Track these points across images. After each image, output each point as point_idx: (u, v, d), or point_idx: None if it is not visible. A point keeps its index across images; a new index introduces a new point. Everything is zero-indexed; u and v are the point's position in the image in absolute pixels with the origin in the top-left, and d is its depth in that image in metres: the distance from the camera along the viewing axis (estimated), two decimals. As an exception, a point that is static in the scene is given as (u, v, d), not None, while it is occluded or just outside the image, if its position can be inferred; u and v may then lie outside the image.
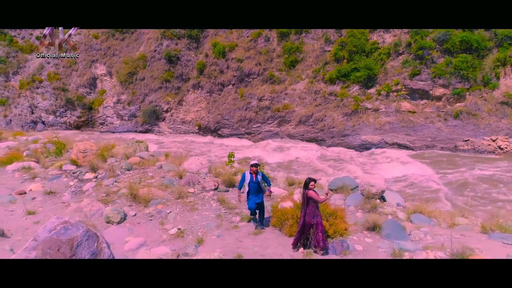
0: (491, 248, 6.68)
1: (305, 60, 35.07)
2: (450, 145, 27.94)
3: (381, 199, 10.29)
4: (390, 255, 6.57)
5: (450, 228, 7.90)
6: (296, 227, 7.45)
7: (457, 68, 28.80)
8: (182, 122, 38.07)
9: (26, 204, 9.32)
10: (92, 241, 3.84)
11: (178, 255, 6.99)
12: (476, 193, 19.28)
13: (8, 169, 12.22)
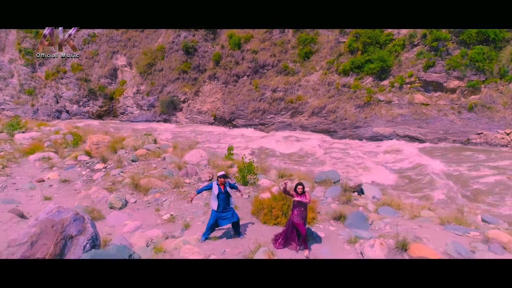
0: (439, 237, 7.51)
1: (320, 52, 35.51)
2: (462, 138, 28.02)
3: (360, 192, 11.18)
4: (346, 242, 7.53)
5: (412, 219, 8.75)
6: (271, 216, 8.51)
7: (473, 60, 28.60)
8: (198, 112, 39.44)
9: (44, 191, 10.80)
10: (79, 222, 5.03)
11: (167, 237, 8.23)
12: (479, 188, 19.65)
13: (30, 159, 13.83)
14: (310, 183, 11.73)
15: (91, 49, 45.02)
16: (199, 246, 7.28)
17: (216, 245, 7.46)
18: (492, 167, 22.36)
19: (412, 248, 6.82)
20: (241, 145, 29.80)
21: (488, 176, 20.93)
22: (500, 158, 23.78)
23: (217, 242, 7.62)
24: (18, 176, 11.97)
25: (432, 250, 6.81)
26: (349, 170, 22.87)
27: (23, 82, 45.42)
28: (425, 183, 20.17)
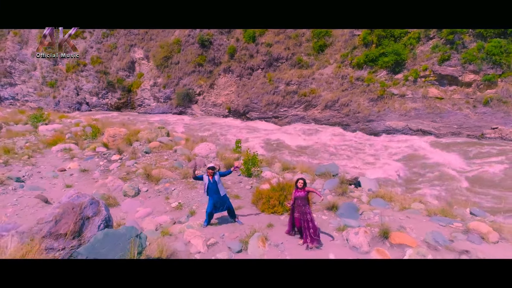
0: (423, 227, 8.16)
1: (334, 45, 35.79)
2: (476, 132, 28.02)
3: (357, 185, 11.85)
4: (335, 229, 8.27)
5: (401, 211, 9.39)
6: (268, 205, 9.33)
7: (490, 53, 28.43)
8: (213, 105, 40.42)
9: (65, 179, 11.92)
10: (94, 205, 5.95)
11: (174, 222, 9.17)
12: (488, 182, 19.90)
13: (53, 150, 15.04)
14: (311, 176, 12.49)
15: (109, 43, 46.50)
16: (201, 230, 8.19)
17: (216, 229, 8.36)
18: (503, 161, 22.45)
19: (393, 236, 7.53)
20: (254, 138, 30.64)
21: (499, 171, 21.09)
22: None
23: (217, 227, 8.51)
24: (42, 165, 13.17)
25: (411, 238, 7.50)
26: (359, 163, 23.40)
27: (45, 75, 47.43)
28: (434, 176, 20.53)
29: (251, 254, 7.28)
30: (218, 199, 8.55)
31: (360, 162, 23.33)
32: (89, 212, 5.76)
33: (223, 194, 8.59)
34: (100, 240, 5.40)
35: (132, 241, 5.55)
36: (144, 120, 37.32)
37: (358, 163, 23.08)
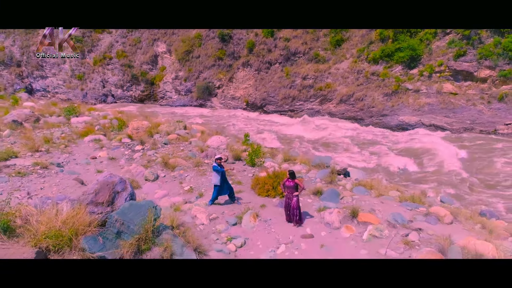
0: (390, 210, 9.89)
1: (351, 39, 37.05)
2: (490, 128, 28.89)
3: (346, 175, 13.63)
4: (316, 210, 10.16)
5: (377, 197, 11.14)
6: (264, 190, 11.32)
7: (506, 49, 29.10)
8: (232, 98, 42.53)
9: (96, 166, 14.28)
10: (122, 183, 8.08)
11: (186, 202, 11.32)
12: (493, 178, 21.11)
13: (85, 140, 17.51)
14: (308, 166, 14.38)
15: (134, 37, 49.31)
16: (205, 208, 10.30)
17: (218, 208, 10.44)
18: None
19: (360, 215, 9.36)
20: (268, 130, 32.57)
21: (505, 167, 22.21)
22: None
23: (220, 206, 10.59)
24: (77, 154, 15.62)
25: (375, 217, 9.32)
26: (368, 157, 24.96)
27: (74, 68, 50.79)
28: (440, 171, 21.89)
29: (244, 227, 9.33)
30: (223, 184, 10.65)
31: (367, 155, 24.88)
32: (118, 188, 7.93)
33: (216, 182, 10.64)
34: (127, 208, 7.54)
35: (150, 210, 7.67)
36: (165, 112, 39.87)
37: (364, 156, 24.64)
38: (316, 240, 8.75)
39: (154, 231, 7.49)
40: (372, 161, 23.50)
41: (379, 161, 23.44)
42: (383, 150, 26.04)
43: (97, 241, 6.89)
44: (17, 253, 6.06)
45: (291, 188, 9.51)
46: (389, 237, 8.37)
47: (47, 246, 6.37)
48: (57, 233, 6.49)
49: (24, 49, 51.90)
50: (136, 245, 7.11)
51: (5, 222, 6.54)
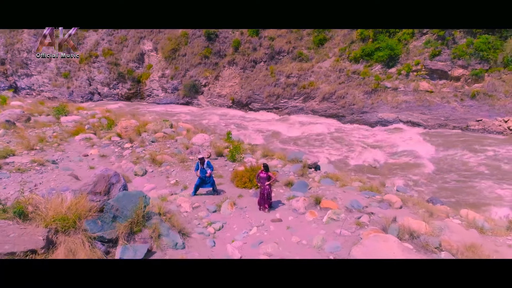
0: (350, 198, 11.58)
1: (333, 39, 38.80)
2: (462, 124, 30.98)
3: (316, 169, 15.35)
4: (286, 199, 11.82)
5: (341, 187, 12.84)
6: (242, 182, 12.93)
7: (478, 49, 31.14)
8: (218, 96, 43.99)
9: (89, 163, 15.70)
10: (117, 176, 9.59)
11: (172, 194, 12.86)
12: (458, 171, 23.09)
13: (76, 139, 18.86)
14: (284, 161, 16.05)
15: (120, 35, 50.28)
16: (189, 198, 11.87)
17: (201, 198, 12.03)
18: (478, 151, 25.53)
19: (323, 202, 11.06)
20: (253, 128, 34.17)
21: (470, 162, 24.22)
22: (489, 144, 26.80)
23: (202, 197, 12.18)
24: (69, 151, 17.00)
25: (335, 204, 11.02)
26: (346, 151, 26.77)
27: (59, 66, 51.57)
28: (409, 165, 23.80)
29: (222, 213, 10.96)
30: (205, 178, 12.23)
31: (345, 150, 26.72)
32: (113, 180, 9.45)
33: (209, 175, 12.24)
34: (121, 196, 9.07)
35: (140, 198, 9.21)
36: (152, 110, 41.16)
37: (341, 151, 26.46)
38: (283, 223, 10.40)
39: (144, 216, 9.04)
40: (349, 155, 25.31)
41: (355, 156, 25.27)
42: (361, 145, 27.87)
43: (96, 224, 8.41)
44: (33, 232, 7.55)
45: (264, 179, 11.16)
46: (344, 220, 10.05)
47: (55, 228, 7.88)
48: (63, 217, 7.99)
49: (9, 47, 52.53)
50: (129, 227, 8.64)
51: (20, 208, 8.03)
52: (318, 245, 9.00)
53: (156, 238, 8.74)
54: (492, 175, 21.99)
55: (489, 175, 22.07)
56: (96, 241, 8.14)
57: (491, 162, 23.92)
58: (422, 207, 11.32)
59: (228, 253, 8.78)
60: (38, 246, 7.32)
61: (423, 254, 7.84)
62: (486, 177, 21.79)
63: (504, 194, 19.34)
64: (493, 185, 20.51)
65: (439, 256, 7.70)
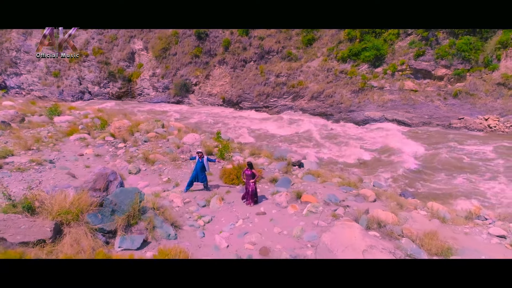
0: (328, 192, 12.77)
1: (322, 39, 40.01)
2: (445, 122, 32.42)
3: (300, 166, 16.52)
4: (270, 194, 12.95)
5: (322, 183, 14.02)
6: (230, 179, 14.03)
7: (460, 49, 32.58)
8: (208, 94, 44.99)
9: (84, 162, 16.66)
10: (114, 174, 10.63)
11: (164, 190, 13.92)
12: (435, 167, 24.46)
13: (71, 139, 19.76)
14: (270, 159, 17.20)
15: (110, 34, 50.94)
16: (181, 194, 12.95)
17: (192, 194, 13.12)
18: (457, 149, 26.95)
19: (303, 197, 12.21)
20: (242, 126, 35.27)
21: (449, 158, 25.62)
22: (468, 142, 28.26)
23: (193, 193, 13.27)
24: (65, 151, 17.93)
25: (315, 198, 12.18)
26: (332, 149, 28.01)
27: (49, 65, 52.07)
28: (391, 162, 25.13)
29: (211, 207, 12.06)
30: (200, 174, 13.32)
31: (332, 148, 27.96)
32: (111, 177, 10.50)
33: (208, 171, 13.38)
34: (118, 192, 10.12)
35: (136, 194, 10.27)
36: (143, 109, 42.02)
37: (328, 149, 27.69)
38: (267, 216, 11.53)
39: (140, 210, 10.10)
40: (335, 153, 26.55)
41: (341, 153, 26.52)
42: (347, 143, 29.14)
43: (97, 217, 9.45)
44: (41, 224, 8.57)
45: (249, 176, 12.29)
46: (322, 212, 11.22)
47: (60, 220, 8.91)
48: (67, 211, 9.02)
49: (-3, 46, 52.81)
50: (126, 220, 9.70)
51: (28, 203, 9.06)
52: (297, 235, 10.14)
53: (151, 230, 9.79)
54: (469, 171, 23.38)
55: (465, 171, 23.46)
56: (97, 232, 9.17)
57: (468, 158, 25.32)
58: (393, 200, 12.54)
59: (216, 243, 9.88)
60: (47, 236, 8.37)
61: (387, 241, 9.03)
62: (462, 172, 23.18)
63: (473, 187, 20.79)
64: (467, 180, 21.91)
65: (400, 242, 8.90)
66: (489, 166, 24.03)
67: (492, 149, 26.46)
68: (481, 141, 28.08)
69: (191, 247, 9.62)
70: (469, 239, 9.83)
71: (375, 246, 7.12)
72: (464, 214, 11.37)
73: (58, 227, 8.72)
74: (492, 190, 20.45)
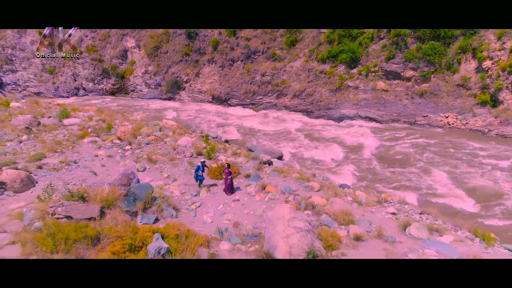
0: (287, 184, 18.51)
1: (304, 40, 45.52)
2: (411, 119, 38.31)
3: (270, 164, 22.31)
4: (244, 186, 18.66)
5: (283, 178, 19.77)
6: (215, 175, 19.77)
7: (425, 53, 38.30)
8: (199, 92, 50.45)
9: (100, 161, 22.25)
10: (133, 174, 16.26)
11: (165, 184, 19.61)
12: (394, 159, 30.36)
13: (84, 142, 25.28)
14: (248, 159, 22.94)
15: (103, 32, 55.93)
16: (178, 186, 18.68)
17: (187, 186, 18.85)
18: (414, 144, 32.88)
19: (266, 188, 17.98)
20: (231, 123, 40.94)
21: (409, 151, 31.54)
22: (426, 137, 34.19)
23: (186, 186, 19.01)
24: (82, 153, 23.49)
25: (274, 188, 17.94)
26: (307, 146, 33.81)
27: (44, 62, 57.04)
28: (356, 157, 31.00)
29: (201, 196, 17.82)
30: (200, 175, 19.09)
31: (307, 144, 33.79)
32: (131, 176, 16.22)
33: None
34: (137, 187, 15.85)
35: (149, 187, 16.00)
36: (138, 106, 47.42)
37: (304, 145, 33.52)
38: (240, 202, 17.29)
39: (152, 198, 15.79)
40: (308, 149, 32.39)
41: (315, 149, 32.37)
42: (322, 139, 34.98)
43: (125, 203, 15.15)
44: (92, 208, 14.25)
45: (227, 173, 18.09)
46: (278, 199, 17.00)
47: (102, 205, 14.58)
48: (106, 199, 14.65)
49: (-6, 44, 57.54)
50: (143, 205, 15.38)
51: (81, 194, 14.70)
52: (259, 214, 15.93)
53: (160, 211, 15.51)
54: (416, 164, 29.33)
55: (411, 164, 29.42)
56: (126, 213, 14.89)
57: (418, 155, 31.27)
58: (332, 190, 18.37)
59: (204, 220, 15.65)
60: (96, 215, 14.04)
61: (313, 216, 14.84)
62: (409, 165, 29.15)
63: (414, 179, 26.75)
64: (412, 172, 27.87)
65: (320, 217, 14.71)
66: (428, 159, 30.06)
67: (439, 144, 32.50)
68: (440, 137, 34.04)
69: (187, 223, 15.36)
70: (372, 215, 15.72)
71: (295, 217, 12.84)
72: (376, 199, 17.26)
73: (102, 209, 14.37)
74: (426, 181, 26.45)
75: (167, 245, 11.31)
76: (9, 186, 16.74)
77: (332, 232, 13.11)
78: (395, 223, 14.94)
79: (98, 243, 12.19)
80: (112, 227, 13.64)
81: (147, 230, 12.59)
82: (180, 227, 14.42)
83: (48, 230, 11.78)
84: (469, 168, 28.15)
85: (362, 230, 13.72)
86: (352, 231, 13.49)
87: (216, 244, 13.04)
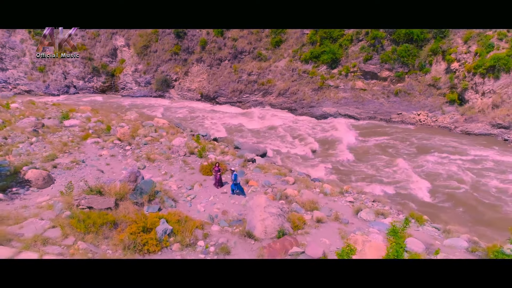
0: (267, 179, 22.96)
1: (288, 41, 49.87)
2: (387, 117, 43.07)
3: (253, 161, 26.77)
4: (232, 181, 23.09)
5: (265, 173, 24.23)
6: (206, 171, 24.16)
7: (400, 55, 42.95)
8: (188, 90, 54.60)
9: (104, 160, 26.45)
10: (138, 172, 20.55)
11: (164, 180, 23.95)
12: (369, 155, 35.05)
13: (88, 142, 29.40)
14: (234, 157, 27.37)
15: (92, 30, 59.53)
16: (174, 182, 23.05)
17: (181, 182, 23.22)
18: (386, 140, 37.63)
19: (250, 182, 22.45)
20: (219, 120, 45.28)
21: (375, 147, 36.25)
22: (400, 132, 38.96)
23: (181, 181, 23.38)
24: (88, 153, 27.65)
25: (256, 182, 22.41)
26: (290, 144, 38.33)
27: (34, 61, 60.47)
28: (333, 152, 35.64)
29: (194, 190, 22.22)
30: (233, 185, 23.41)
31: (290, 141, 38.34)
32: (137, 174, 20.57)
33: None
34: (142, 182, 20.19)
35: (152, 183, 20.36)
36: (129, 104, 51.44)
37: (286, 143, 38.07)
38: (227, 194, 21.71)
39: (155, 192, 20.16)
40: (291, 146, 36.94)
41: (296, 146, 36.92)
42: (304, 136, 39.57)
43: (134, 196, 19.54)
44: (108, 200, 18.61)
45: (216, 171, 22.51)
46: (259, 191, 21.47)
47: (116, 198, 18.94)
48: (119, 193, 19.01)
49: (-16, 43, 60.75)
50: (148, 197, 19.74)
51: (98, 189, 19.03)
52: (243, 204, 20.40)
53: (162, 202, 19.89)
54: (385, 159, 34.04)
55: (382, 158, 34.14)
56: (134, 204, 19.26)
57: (391, 148, 36.01)
58: (304, 183, 22.90)
59: (198, 209, 20.08)
60: (112, 205, 18.36)
61: (285, 204, 19.34)
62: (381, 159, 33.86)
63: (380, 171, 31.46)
64: (381, 166, 32.59)
65: (291, 205, 19.21)
66: (398, 153, 34.82)
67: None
68: (413, 133, 38.84)
69: (184, 211, 19.76)
70: (333, 203, 20.33)
71: (270, 205, 17.33)
72: (339, 190, 21.86)
73: (116, 201, 18.69)
74: (390, 173, 31.19)
75: (171, 227, 15.55)
76: (33, 183, 20.84)
77: (299, 216, 17.66)
78: (351, 209, 19.57)
79: (117, 226, 16.38)
80: (126, 215, 17.79)
81: (155, 216, 16.76)
82: (180, 214, 18.60)
83: (77, 217, 15.79)
84: (433, 162, 32.97)
85: (323, 214, 18.28)
86: (315, 215, 18.04)
87: (208, 227, 17.41)
